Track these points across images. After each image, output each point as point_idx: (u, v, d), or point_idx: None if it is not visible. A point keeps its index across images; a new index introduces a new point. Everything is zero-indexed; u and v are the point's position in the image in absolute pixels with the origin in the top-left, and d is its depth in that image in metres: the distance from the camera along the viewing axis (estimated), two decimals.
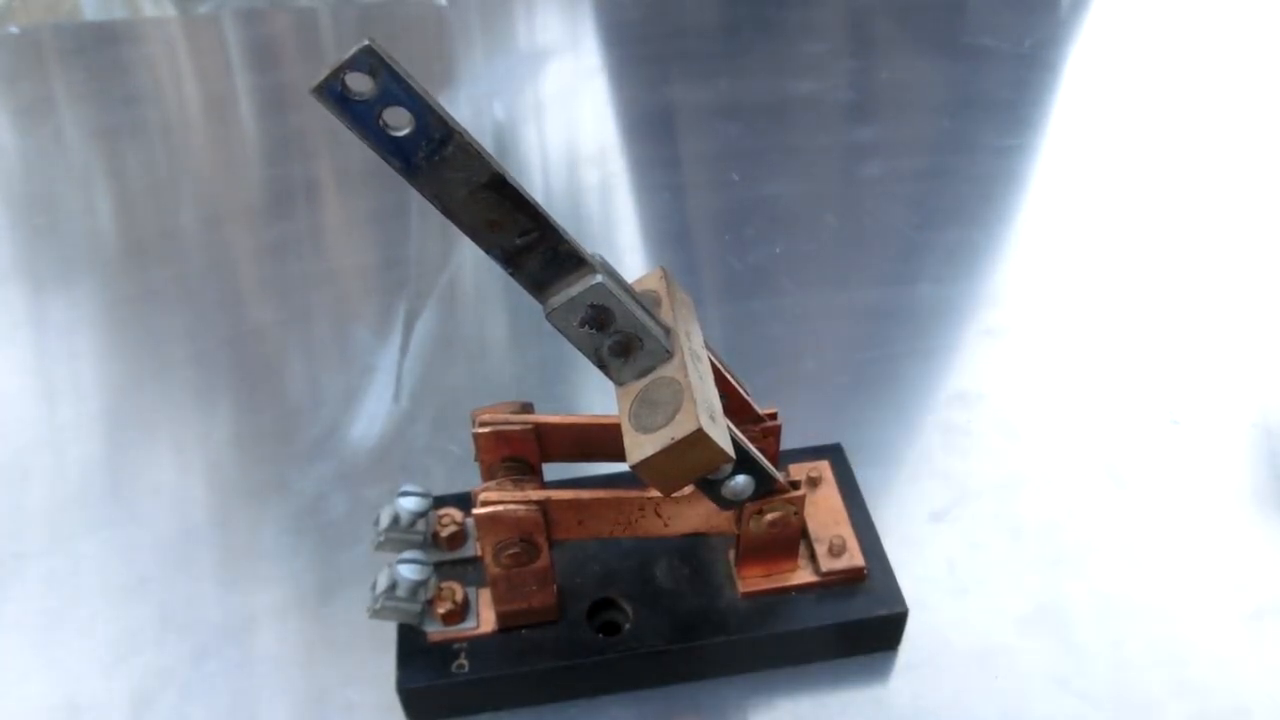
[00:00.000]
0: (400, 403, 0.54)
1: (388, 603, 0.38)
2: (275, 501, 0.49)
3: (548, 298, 0.31)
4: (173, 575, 0.45)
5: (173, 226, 0.68)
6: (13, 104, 0.83)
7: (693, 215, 0.69)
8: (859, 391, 0.54)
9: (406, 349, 0.57)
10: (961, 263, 0.63)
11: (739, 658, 0.40)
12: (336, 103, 0.26)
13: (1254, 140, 0.75)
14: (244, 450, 0.52)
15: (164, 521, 0.48)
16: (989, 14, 0.92)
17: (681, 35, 0.91)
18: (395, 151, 0.27)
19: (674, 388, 0.32)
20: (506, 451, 0.39)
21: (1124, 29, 0.91)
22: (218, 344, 0.58)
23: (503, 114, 0.80)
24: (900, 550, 0.42)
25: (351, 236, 0.68)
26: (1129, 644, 0.42)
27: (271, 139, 0.78)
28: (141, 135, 0.78)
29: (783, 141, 0.75)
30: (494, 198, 0.28)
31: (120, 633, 0.43)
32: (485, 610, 0.40)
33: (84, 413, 0.54)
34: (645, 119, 0.80)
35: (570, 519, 0.37)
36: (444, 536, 0.42)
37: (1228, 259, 0.63)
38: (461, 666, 0.38)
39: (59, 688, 0.41)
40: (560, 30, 0.93)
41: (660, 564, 0.42)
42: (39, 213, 0.70)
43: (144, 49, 0.91)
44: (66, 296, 0.62)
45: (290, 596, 0.44)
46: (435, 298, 0.61)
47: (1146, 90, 0.81)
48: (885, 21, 0.93)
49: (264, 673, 0.42)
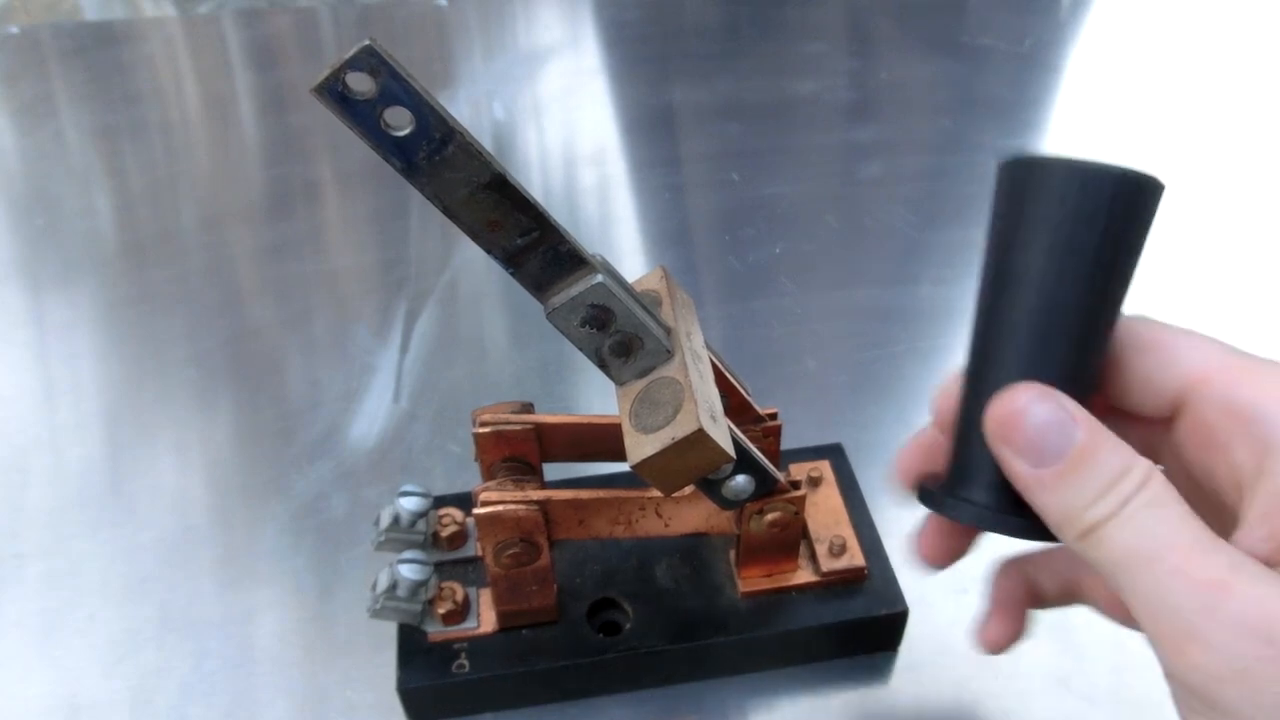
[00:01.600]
0: (400, 403, 0.54)
1: (388, 603, 0.38)
2: (275, 501, 0.49)
3: (548, 298, 0.31)
4: (173, 575, 0.46)
5: (173, 227, 0.68)
6: (13, 104, 0.83)
7: (693, 215, 0.69)
8: (859, 391, 0.54)
9: (406, 349, 0.57)
10: (961, 263, 0.63)
11: (739, 658, 0.40)
12: (337, 102, 0.26)
13: (1254, 140, 0.75)
14: (244, 450, 0.52)
15: (164, 521, 0.48)
16: (989, 14, 0.92)
17: (681, 35, 0.91)
18: (396, 151, 0.27)
19: (674, 388, 0.32)
20: (506, 451, 0.39)
21: (1124, 29, 0.91)
22: (218, 344, 0.58)
23: (502, 114, 0.80)
24: (901, 550, 0.42)
25: (351, 236, 0.68)
26: (1129, 644, 0.42)
27: (271, 139, 0.78)
28: (141, 135, 0.78)
29: (783, 141, 0.75)
30: (495, 198, 0.28)
31: (120, 633, 0.43)
32: (485, 610, 0.40)
33: (84, 413, 0.54)
34: (645, 119, 0.80)
35: (570, 519, 0.37)
36: (444, 536, 0.42)
37: (1228, 259, 0.63)
38: (462, 666, 0.38)
39: (59, 688, 0.41)
40: (560, 30, 0.93)
41: (660, 564, 0.42)
42: (39, 213, 0.70)
43: (144, 49, 0.91)
44: (66, 297, 0.62)
45: (290, 596, 0.44)
46: (435, 298, 0.61)
47: (1146, 90, 0.81)
48: (885, 21, 0.93)
49: (264, 673, 0.42)
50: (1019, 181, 0.27)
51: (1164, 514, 0.24)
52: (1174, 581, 0.24)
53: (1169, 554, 0.24)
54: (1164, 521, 0.24)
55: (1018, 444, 0.26)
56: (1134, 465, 0.25)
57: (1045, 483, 0.26)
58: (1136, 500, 0.25)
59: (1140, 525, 0.24)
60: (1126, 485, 0.25)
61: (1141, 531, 0.24)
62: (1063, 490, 0.25)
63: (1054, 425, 0.26)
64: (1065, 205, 0.26)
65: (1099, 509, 0.25)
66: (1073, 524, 0.25)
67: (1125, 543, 0.24)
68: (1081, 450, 0.25)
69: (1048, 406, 0.26)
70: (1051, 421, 0.26)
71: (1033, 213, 0.27)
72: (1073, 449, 0.25)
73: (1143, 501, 0.25)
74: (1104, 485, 0.25)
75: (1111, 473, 0.25)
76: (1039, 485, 0.26)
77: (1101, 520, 0.25)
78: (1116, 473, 0.25)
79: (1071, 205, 0.26)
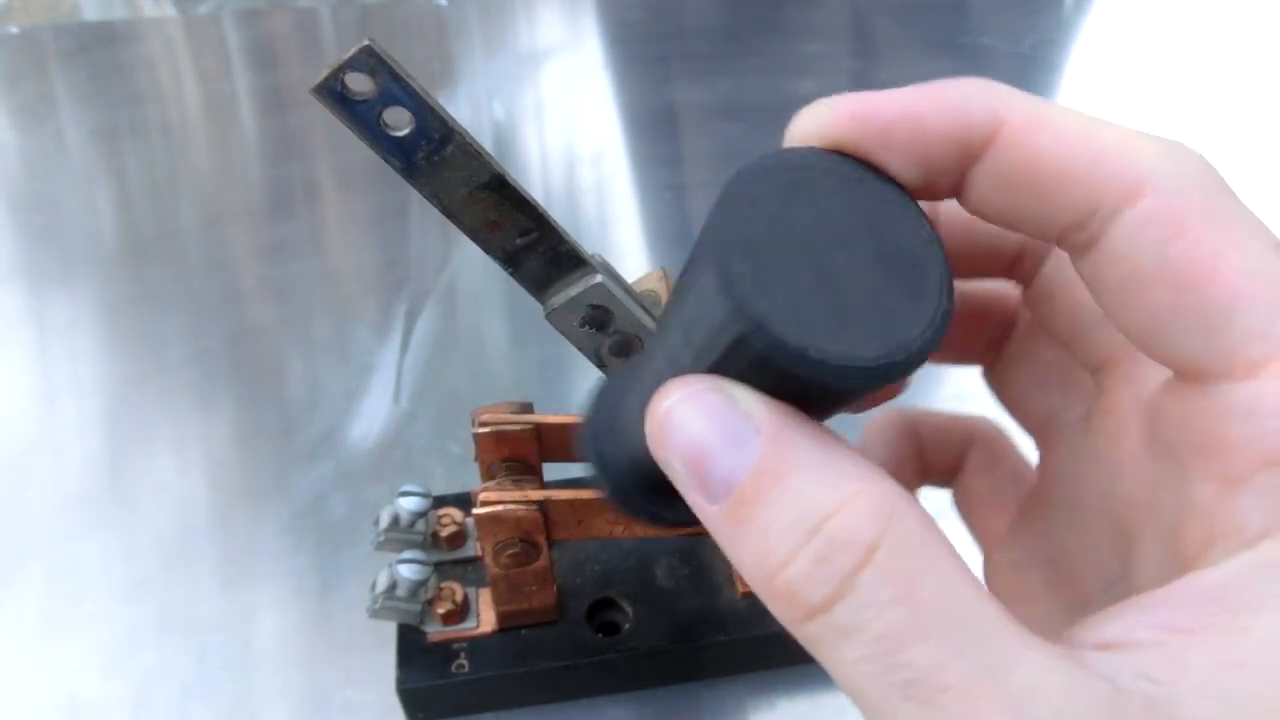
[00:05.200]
0: (400, 403, 0.54)
1: (388, 603, 0.38)
2: (275, 501, 0.49)
3: (548, 298, 0.31)
4: (173, 575, 0.45)
5: (173, 226, 0.68)
6: (13, 104, 0.83)
7: (693, 215, 0.69)
8: None
9: (406, 349, 0.57)
10: None
11: (739, 658, 0.40)
12: (336, 103, 0.26)
13: (1254, 140, 0.75)
14: (244, 450, 0.52)
15: (164, 521, 0.48)
16: (989, 14, 0.92)
17: (682, 35, 0.91)
18: (395, 151, 0.27)
19: None
20: (506, 451, 0.39)
21: (1124, 29, 0.91)
22: (218, 344, 0.58)
23: (503, 114, 0.80)
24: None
25: (351, 236, 0.68)
26: None
27: (271, 139, 0.78)
28: (141, 135, 0.78)
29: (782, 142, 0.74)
30: (494, 198, 0.28)
31: (120, 633, 0.43)
32: (485, 610, 0.40)
33: (84, 413, 0.54)
34: (646, 119, 0.80)
35: (570, 519, 0.37)
36: (444, 536, 0.42)
37: None
38: (461, 666, 0.38)
39: (59, 688, 0.41)
40: (560, 30, 0.93)
41: (660, 564, 0.42)
42: (39, 213, 0.70)
43: (144, 49, 0.91)
44: (66, 296, 0.62)
45: (290, 596, 0.44)
46: (435, 298, 0.61)
47: (1147, 90, 0.81)
48: (886, 21, 0.93)
49: (264, 673, 0.42)
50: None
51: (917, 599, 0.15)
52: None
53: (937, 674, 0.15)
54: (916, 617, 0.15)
55: (672, 463, 0.17)
56: (857, 511, 0.16)
57: (718, 524, 0.17)
58: (862, 581, 0.15)
59: (884, 626, 0.15)
60: (847, 553, 0.15)
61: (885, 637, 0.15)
62: (741, 540, 0.17)
63: (717, 433, 0.17)
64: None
65: (803, 597, 0.16)
66: (782, 600, 0.17)
67: (844, 665, 0.16)
68: (762, 467, 0.16)
69: (708, 404, 0.17)
70: (712, 429, 0.17)
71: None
72: (751, 466, 0.16)
73: (872, 583, 0.15)
74: (801, 535, 0.16)
75: (812, 515, 0.16)
76: (717, 525, 0.17)
77: (808, 613, 0.16)
78: (821, 513, 0.16)
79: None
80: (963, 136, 0.18)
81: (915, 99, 0.18)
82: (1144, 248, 0.17)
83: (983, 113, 0.18)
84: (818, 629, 0.16)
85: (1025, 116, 0.18)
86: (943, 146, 0.18)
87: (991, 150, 0.18)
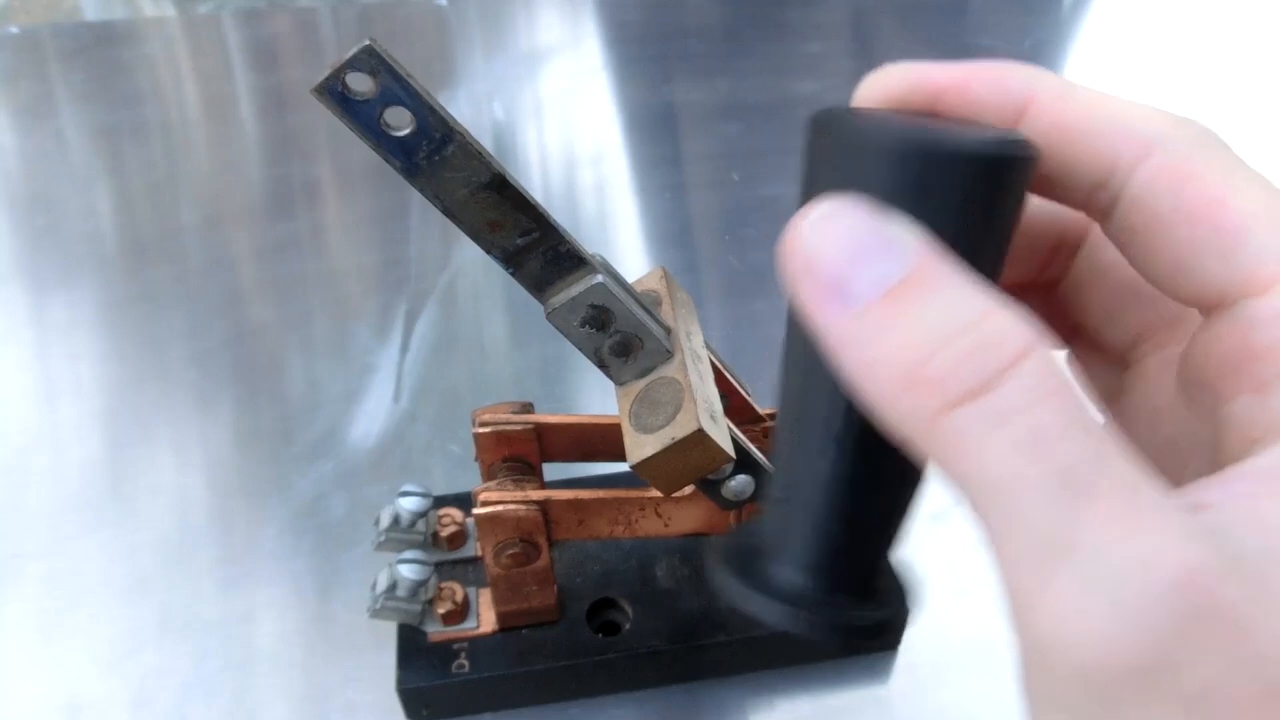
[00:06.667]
0: (400, 403, 0.54)
1: (388, 603, 0.38)
2: (275, 501, 0.49)
3: (548, 298, 0.31)
4: (173, 575, 0.45)
5: (173, 226, 0.68)
6: (13, 104, 0.83)
7: (693, 215, 0.69)
8: None
9: (406, 349, 0.57)
10: None
11: (739, 658, 0.40)
12: (337, 103, 0.26)
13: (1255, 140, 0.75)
14: (244, 450, 0.52)
15: (164, 521, 0.48)
16: (989, 14, 0.92)
17: (682, 35, 0.91)
18: (396, 151, 0.27)
19: (674, 388, 0.32)
20: (506, 451, 0.39)
21: (1124, 29, 0.91)
22: (218, 344, 0.58)
23: (503, 114, 0.80)
24: (900, 550, 0.42)
25: (351, 236, 0.68)
26: None
27: (271, 139, 0.78)
28: (141, 135, 0.78)
29: (783, 142, 0.74)
30: (495, 198, 0.28)
31: (120, 633, 0.43)
32: (485, 610, 0.40)
33: (84, 413, 0.54)
34: (645, 119, 0.80)
35: (570, 519, 0.37)
36: (444, 536, 0.42)
37: None
38: (461, 667, 0.38)
39: (59, 688, 0.41)
40: (560, 30, 0.93)
41: (660, 564, 0.42)
42: (39, 213, 0.70)
43: (144, 49, 0.91)
44: (66, 296, 0.62)
45: (290, 596, 0.44)
46: (435, 298, 0.61)
47: (1147, 90, 0.81)
48: (886, 21, 0.93)
49: (264, 673, 0.42)
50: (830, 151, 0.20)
51: (1059, 405, 0.16)
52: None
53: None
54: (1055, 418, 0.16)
55: (815, 273, 0.17)
56: (1006, 323, 0.16)
57: (852, 328, 0.17)
58: (1015, 375, 0.16)
59: (1022, 430, 0.15)
60: (1000, 351, 0.16)
61: (1022, 437, 0.15)
62: (880, 339, 0.16)
63: (868, 242, 0.17)
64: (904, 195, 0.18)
65: (953, 383, 0.16)
66: (928, 388, 0.16)
67: (995, 452, 0.16)
68: (915, 275, 0.17)
69: (859, 215, 0.17)
70: (864, 236, 0.17)
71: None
72: (902, 275, 0.17)
73: (1027, 378, 0.16)
74: (955, 329, 0.16)
75: (964, 318, 0.16)
76: (848, 339, 0.17)
77: (957, 399, 0.16)
78: (972, 319, 0.16)
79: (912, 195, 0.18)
80: (1001, 104, 0.20)
81: (962, 70, 0.21)
82: (1160, 193, 0.19)
83: (1018, 85, 0.20)
84: (964, 417, 0.16)
85: (1053, 90, 0.20)
86: (984, 112, 0.20)
87: (1024, 120, 0.20)
